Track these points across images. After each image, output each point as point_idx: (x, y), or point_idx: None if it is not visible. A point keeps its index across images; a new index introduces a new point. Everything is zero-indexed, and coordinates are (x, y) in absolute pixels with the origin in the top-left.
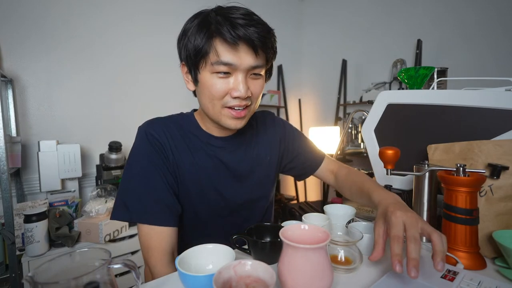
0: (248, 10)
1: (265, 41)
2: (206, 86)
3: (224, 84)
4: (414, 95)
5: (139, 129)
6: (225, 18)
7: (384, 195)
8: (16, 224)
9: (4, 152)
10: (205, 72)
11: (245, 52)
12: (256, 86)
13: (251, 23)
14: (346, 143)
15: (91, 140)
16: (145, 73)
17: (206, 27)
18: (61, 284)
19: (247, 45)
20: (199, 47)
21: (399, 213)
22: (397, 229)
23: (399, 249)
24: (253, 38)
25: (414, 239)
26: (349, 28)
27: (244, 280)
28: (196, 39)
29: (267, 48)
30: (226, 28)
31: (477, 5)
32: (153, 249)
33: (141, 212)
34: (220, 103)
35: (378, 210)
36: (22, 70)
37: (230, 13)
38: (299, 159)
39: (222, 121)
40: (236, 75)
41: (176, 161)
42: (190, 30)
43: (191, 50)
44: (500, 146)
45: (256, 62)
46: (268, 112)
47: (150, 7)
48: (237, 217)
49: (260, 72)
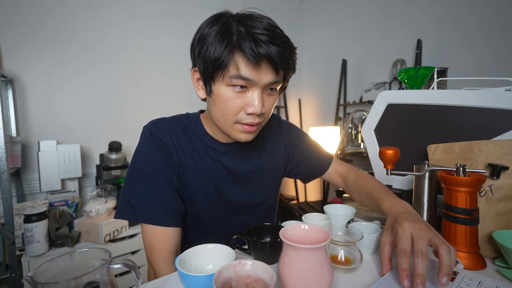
0: (271, 22)
1: (287, 61)
2: (221, 99)
3: (240, 99)
4: (414, 95)
5: (144, 129)
6: (248, 32)
7: (393, 204)
8: (16, 224)
9: (4, 152)
10: (221, 84)
11: (266, 70)
12: (270, 102)
13: (275, 41)
14: (346, 143)
15: (91, 140)
16: (145, 74)
17: (228, 39)
18: (61, 284)
19: (268, 63)
20: (219, 59)
21: (406, 225)
22: (404, 243)
23: (407, 263)
24: (275, 57)
25: (421, 254)
26: (349, 28)
27: (244, 280)
28: (217, 51)
29: (288, 68)
30: (249, 45)
31: (477, 5)
32: (157, 249)
33: (146, 212)
34: (233, 119)
35: (387, 220)
36: (22, 70)
37: (254, 27)
38: (305, 163)
39: (232, 134)
40: (253, 90)
41: (180, 162)
42: (209, 38)
43: (210, 61)
44: (500, 146)
45: (276, 79)
46: (273, 116)
47: (151, 9)
48: (240, 219)
49: (276, 88)
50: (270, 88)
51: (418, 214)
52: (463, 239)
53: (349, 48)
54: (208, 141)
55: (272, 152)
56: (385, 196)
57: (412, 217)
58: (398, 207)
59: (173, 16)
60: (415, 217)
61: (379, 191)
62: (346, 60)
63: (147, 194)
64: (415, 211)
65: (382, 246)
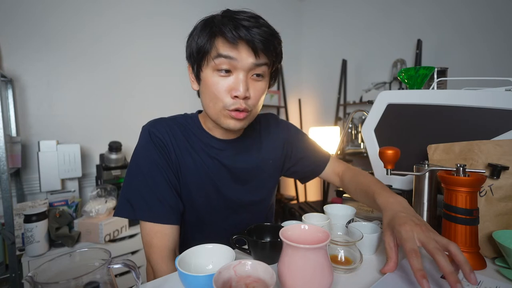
0: (255, 14)
1: (267, 43)
2: (208, 84)
3: (225, 82)
4: (414, 95)
5: (143, 129)
6: (229, 19)
7: (389, 199)
8: (16, 224)
9: (4, 152)
10: (207, 70)
11: (246, 51)
12: (256, 88)
13: (255, 25)
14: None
15: (91, 140)
16: (145, 74)
17: (210, 27)
18: (61, 284)
19: (247, 45)
20: (201, 44)
21: (409, 227)
22: (412, 243)
23: (419, 263)
24: (254, 39)
25: (438, 250)
26: (349, 28)
27: (244, 280)
28: (199, 38)
29: (268, 51)
30: (228, 28)
31: (477, 5)
32: (155, 247)
33: (144, 210)
34: (221, 104)
35: (384, 218)
36: (22, 70)
37: (236, 15)
38: (303, 162)
39: (221, 120)
40: (237, 73)
41: (178, 161)
42: (196, 31)
43: (194, 48)
44: (500, 146)
45: (256, 61)
46: (271, 115)
47: (151, 9)
48: (238, 218)
49: (261, 73)
50: (256, 74)
51: (414, 211)
52: (463, 239)
53: (349, 48)
54: (206, 139)
55: (270, 151)
56: (380, 191)
57: (411, 217)
58: (393, 203)
59: (173, 17)
60: (413, 217)
61: (374, 186)
62: (346, 60)
63: (145, 192)
64: (410, 207)
65: (389, 248)
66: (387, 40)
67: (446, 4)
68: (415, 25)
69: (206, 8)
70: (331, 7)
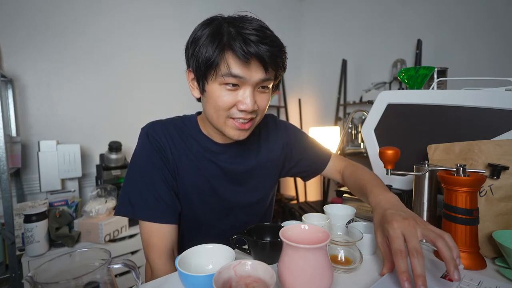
0: (261, 24)
1: (276, 59)
2: (213, 97)
3: (231, 96)
4: (414, 95)
5: (142, 130)
6: (238, 32)
7: (379, 197)
8: (16, 224)
9: (4, 152)
10: (213, 83)
11: (256, 68)
12: (262, 99)
13: (263, 40)
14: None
15: (91, 140)
16: (145, 74)
17: (219, 39)
18: (61, 284)
19: (258, 61)
20: (210, 59)
21: (396, 224)
22: (398, 243)
23: (404, 265)
24: (264, 56)
25: (416, 252)
26: (349, 28)
27: (244, 280)
28: (208, 51)
29: (277, 66)
30: (239, 44)
31: (477, 5)
32: (153, 245)
33: (143, 210)
34: (225, 114)
35: (374, 218)
36: (22, 70)
37: (244, 28)
38: (303, 162)
39: (226, 131)
40: (245, 88)
41: (175, 163)
42: (202, 40)
43: (202, 61)
44: (500, 146)
45: (265, 76)
46: (270, 117)
47: (151, 12)
48: (236, 219)
49: (268, 85)
50: (262, 86)
51: (404, 206)
52: (463, 239)
53: (349, 48)
54: (203, 142)
55: (268, 152)
56: (372, 189)
57: (399, 212)
58: (383, 201)
59: (173, 19)
60: (402, 212)
61: (368, 184)
62: (346, 60)
63: (144, 192)
64: (400, 203)
65: (383, 249)
66: (387, 40)
67: (446, 5)
68: (415, 25)
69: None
70: (331, 7)
